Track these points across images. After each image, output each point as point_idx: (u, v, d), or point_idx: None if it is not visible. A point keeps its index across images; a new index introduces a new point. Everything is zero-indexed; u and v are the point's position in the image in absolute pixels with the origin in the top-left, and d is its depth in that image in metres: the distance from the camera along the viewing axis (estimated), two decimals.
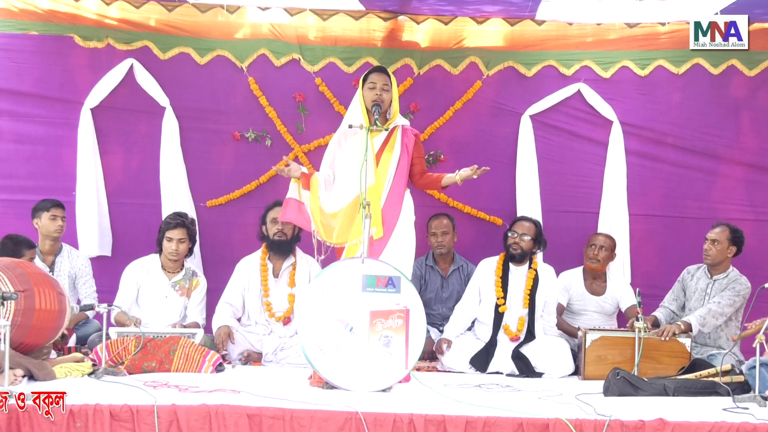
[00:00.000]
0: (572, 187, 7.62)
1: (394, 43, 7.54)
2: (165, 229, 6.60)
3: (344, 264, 5.41)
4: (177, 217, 6.64)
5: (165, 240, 6.58)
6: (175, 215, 6.70)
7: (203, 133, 7.50)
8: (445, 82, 7.57)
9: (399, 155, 5.89)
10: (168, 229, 6.58)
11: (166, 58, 7.43)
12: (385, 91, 5.87)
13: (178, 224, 6.58)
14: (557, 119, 7.56)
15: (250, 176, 7.51)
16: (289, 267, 6.66)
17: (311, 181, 5.92)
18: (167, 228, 6.59)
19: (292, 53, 7.49)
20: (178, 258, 6.62)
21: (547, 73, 7.56)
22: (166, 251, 6.58)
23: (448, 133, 7.59)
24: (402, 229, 5.85)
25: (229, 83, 7.50)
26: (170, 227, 6.58)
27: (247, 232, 7.21)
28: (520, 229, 6.55)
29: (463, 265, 7.24)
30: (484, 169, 5.87)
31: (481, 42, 7.55)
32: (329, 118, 7.36)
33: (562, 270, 7.02)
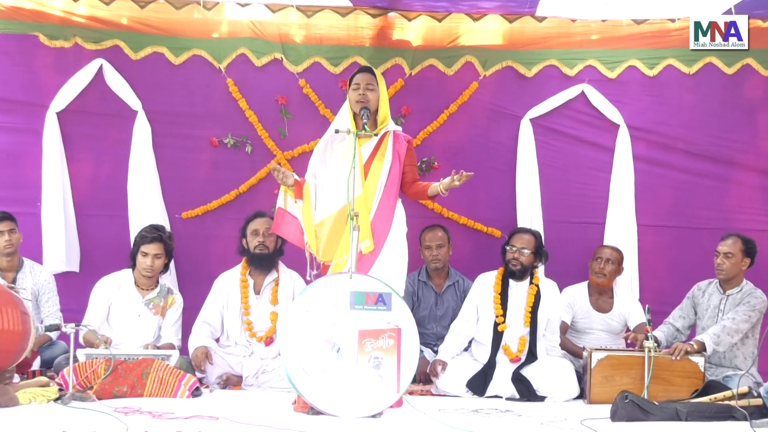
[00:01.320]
0: (576, 196, 7.65)
1: (383, 42, 7.57)
2: (140, 242, 6.58)
3: (331, 280, 5.40)
4: (154, 231, 6.62)
5: (140, 255, 6.56)
6: (152, 228, 6.68)
7: (178, 138, 7.52)
8: (438, 84, 7.60)
9: (390, 163, 5.87)
10: (144, 243, 6.56)
11: (138, 59, 7.44)
12: (370, 91, 5.86)
13: (155, 238, 6.56)
14: (559, 123, 7.60)
15: (229, 185, 7.52)
16: (272, 283, 6.66)
17: (304, 189, 5.92)
18: (143, 242, 6.57)
19: (274, 53, 7.51)
20: (153, 275, 6.61)
21: (548, 74, 7.60)
22: (141, 267, 6.56)
23: (442, 139, 7.62)
24: (393, 242, 5.83)
25: (206, 85, 7.52)
26: (146, 241, 6.56)
27: (226, 245, 7.20)
28: (518, 243, 6.57)
29: (459, 281, 7.26)
30: (467, 174, 5.77)
31: (477, 40, 7.58)
32: (314, 122, 7.38)
33: (565, 285, 7.04)
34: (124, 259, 6.77)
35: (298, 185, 5.94)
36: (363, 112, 5.80)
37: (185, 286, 7.18)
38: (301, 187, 5.92)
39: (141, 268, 6.56)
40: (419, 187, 6.05)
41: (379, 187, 5.83)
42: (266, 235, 6.56)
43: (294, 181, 5.95)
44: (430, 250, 7.18)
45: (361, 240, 5.56)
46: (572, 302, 7.02)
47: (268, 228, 6.55)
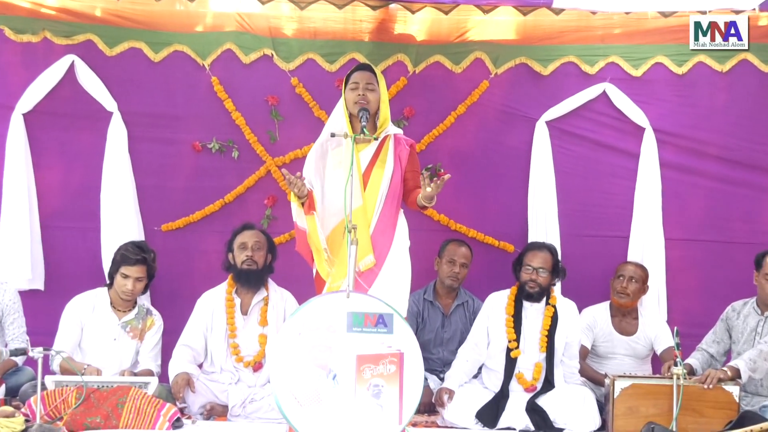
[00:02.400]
0: (596, 207, 7.66)
1: (384, 36, 7.59)
2: (122, 263, 6.56)
3: (326, 299, 5.38)
4: (138, 252, 6.60)
5: (119, 276, 6.55)
6: (136, 248, 6.64)
7: (157, 143, 7.52)
8: (445, 83, 7.62)
9: (392, 170, 5.91)
10: (126, 264, 6.55)
11: (113, 55, 7.45)
12: (370, 91, 5.91)
13: (138, 261, 6.54)
14: (578, 126, 7.61)
15: (214, 194, 7.54)
16: (260, 302, 6.67)
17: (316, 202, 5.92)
18: (125, 263, 6.55)
19: (264, 48, 7.53)
20: (131, 298, 6.62)
21: (566, 72, 7.62)
22: (120, 289, 6.55)
23: (449, 143, 7.63)
24: (395, 257, 5.87)
25: (188, 84, 7.53)
26: (129, 263, 6.54)
27: (210, 261, 7.24)
28: (535, 262, 6.58)
29: (468, 301, 7.28)
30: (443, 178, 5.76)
31: (488, 34, 7.60)
32: (308, 125, 7.39)
33: (585, 305, 7.06)
34: (95, 276, 6.80)
35: (310, 197, 5.89)
36: (362, 114, 5.81)
37: (164, 306, 7.11)
38: (312, 200, 5.89)
39: (120, 291, 6.56)
40: (413, 196, 6.06)
41: (379, 197, 5.86)
42: (255, 250, 6.59)
43: (309, 192, 5.88)
44: (452, 266, 7.18)
45: (360, 256, 5.57)
46: (593, 324, 7.03)
47: (258, 241, 6.60)
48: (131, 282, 6.52)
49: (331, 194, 5.85)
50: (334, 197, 5.79)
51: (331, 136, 5.84)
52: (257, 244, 6.60)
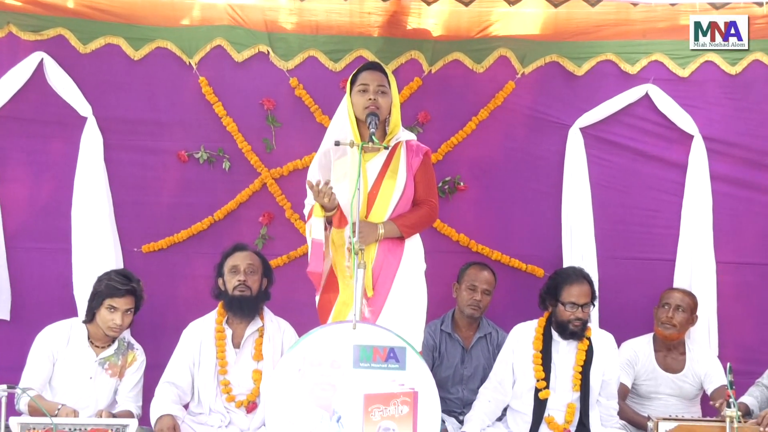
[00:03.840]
0: (638, 226, 7.68)
1: (396, 31, 7.62)
2: (108, 294, 6.54)
3: (329, 330, 5.37)
4: (126, 281, 6.59)
5: (105, 309, 6.52)
6: (122, 278, 6.62)
7: (137, 152, 7.56)
8: (465, 84, 7.65)
9: (404, 182, 5.91)
10: (113, 295, 6.53)
11: (87, 52, 7.49)
12: (382, 95, 5.89)
13: (128, 291, 6.55)
14: (618, 133, 7.64)
15: (202, 211, 7.57)
16: (255, 334, 6.66)
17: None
18: (112, 294, 6.53)
19: (259, 45, 7.56)
20: (119, 334, 6.61)
21: (603, 71, 7.65)
22: (106, 324, 6.53)
23: (469, 153, 7.65)
24: (409, 282, 5.87)
25: (172, 85, 7.57)
26: (118, 294, 6.53)
27: (198, 286, 7.27)
28: (580, 297, 6.55)
29: (492, 333, 7.29)
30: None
31: (514, 29, 7.62)
32: (308, 132, 7.43)
33: (624, 338, 7.09)
34: (67, 304, 6.79)
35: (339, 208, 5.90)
36: (370, 119, 5.79)
37: (145, 339, 7.07)
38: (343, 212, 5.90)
39: (106, 327, 6.53)
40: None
41: (389, 211, 5.88)
42: (248, 273, 6.58)
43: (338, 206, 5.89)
44: (473, 293, 7.18)
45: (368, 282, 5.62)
46: (634, 360, 7.05)
47: (251, 264, 6.61)
48: (119, 315, 6.51)
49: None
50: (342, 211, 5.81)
51: (335, 145, 5.82)
52: (251, 268, 6.61)
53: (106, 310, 6.53)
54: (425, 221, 6.08)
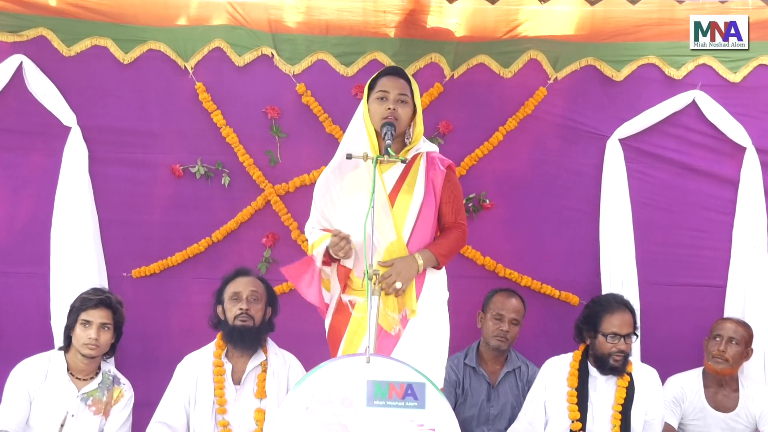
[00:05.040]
0: (685, 248, 7.68)
1: (414, 32, 7.62)
2: (80, 308, 6.56)
3: (340, 365, 5.31)
4: (99, 292, 6.64)
5: (79, 326, 6.53)
6: (95, 290, 6.69)
7: (126, 166, 7.58)
8: (491, 90, 7.67)
9: (422, 198, 5.85)
10: (86, 308, 6.55)
11: (72, 54, 7.52)
12: (402, 104, 5.83)
13: (101, 302, 6.56)
14: (661, 145, 7.65)
15: (198, 232, 7.59)
16: (257, 368, 6.65)
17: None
18: (84, 307, 6.55)
19: (262, 47, 7.59)
20: (97, 352, 6.58)
21: (645, 76, 7.66)
22: (81, 342, 6.51)
23: (496, 167, 7.66)
24: (430, 311, 5.84)
25: (166, 91, 7.59)
26: (89, 305, 6.54)
27: (193, 315, 7.29)
28: (620, 326, 6.52)
29: (521, 367, 7.27)
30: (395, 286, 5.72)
31: (545, 29, 7.63)
32: (317, 143, 7.47)
33: (670, 373, 7.08)
34: (45, 335, 6.80)
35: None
36: (386, 130, 5.74)
37: (135, 374, 7.07)
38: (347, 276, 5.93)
39: (81, 344, 6.52)
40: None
41: (406, 229, 5.82)
42: (251, 301, 6.57)
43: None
44: (500, 323, 7.17)
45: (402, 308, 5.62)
46: (680, 397, 7.04)
47: (254, 291, 6.59)
48: (95, 329, 6.50)
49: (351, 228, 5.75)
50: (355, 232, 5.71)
51: (347, 158, 5.72)
52: (254, 295, 6.60)
53: (80, 327, 6.53)
54: (458, 247, 6.06)
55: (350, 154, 5.66)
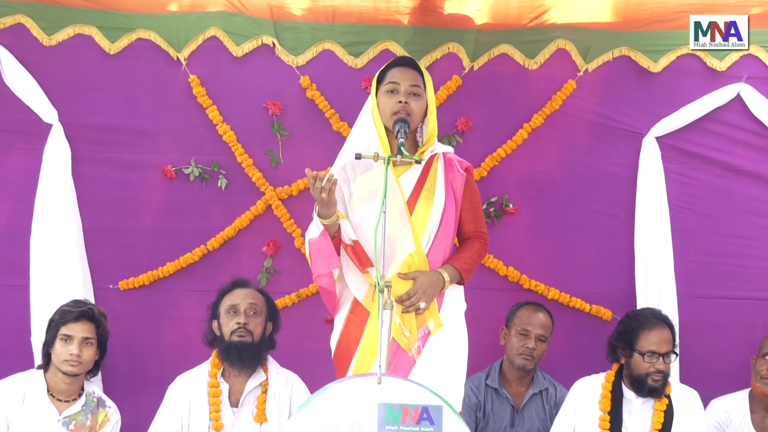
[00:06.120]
0: (729, 257, 7.67)
1: (430, 19, 7.62)
2: (60, 322, 6.56)
3: (348, 386, 5.27)
4: (81, 304, 6.64)
5: (59, 341, 6.53)
6: (76, 302, 6.70)
7: (113, 167, 7.59)
8: (515, 83, 7.67)
9: (443, 204, 5.80)
10: (65, 321, 6.54)
11: (53, 44, 7.53)
12: (415, 98, 5.77)
13: (83, 314, 6.55)
14: (702, 143, 7.64)
15: (192, 239, 7.60)
16: (257, 389, 6.63)
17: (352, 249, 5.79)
18: (64, 320, 6.55)
19: (263, 35, 7.59)
20: (79, 370, 6.57)
21: (685, 67, 7.67)
22: (61, 359, 6.51)
23: (520, 168, 7.66)
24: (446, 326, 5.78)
25: (156, 85, 7.60)
26: (69, 318, 6.54)
27: (186, 331, 7.30)
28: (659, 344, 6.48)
29: (549, 389, 7.25)
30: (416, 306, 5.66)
31: (575, 15, 7.63)
32: (323, 142, 7.47)
33: (712, 396, 7.05)
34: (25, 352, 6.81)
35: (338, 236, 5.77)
36: (399, 127, 5.68)
37: (122, 395, 7.13)
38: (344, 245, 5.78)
39: (61, 361, 6.51)
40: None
41: (425, 239, 5.77)
42: (250, 315, 6.55)
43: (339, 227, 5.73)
44: (525, 340, 7.15)
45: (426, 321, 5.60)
46: (724, 421, 7.01)
47: (254, 304, 6.57)
48: (76, 345, 6.50)
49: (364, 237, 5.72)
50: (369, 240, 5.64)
51: (356, 158, 5.63)
52: (253, 308, 6.58)
53: (60, 342, 6.52)
54: (481, 259, 6.02)
55: (359, 154, 5.56)
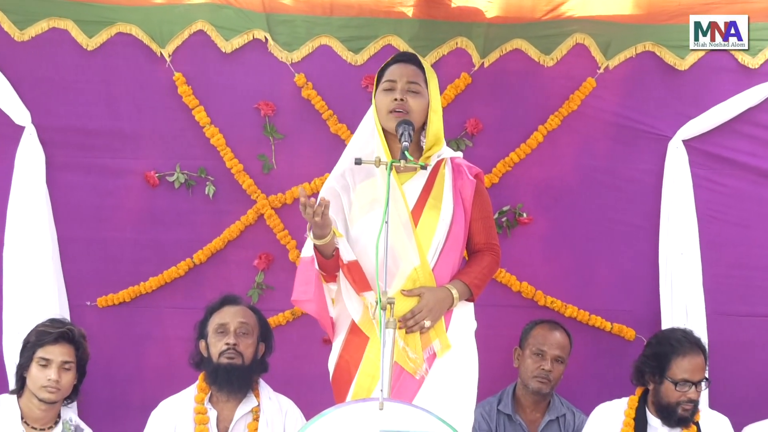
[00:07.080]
0: (762, 270, 7.67)
1: (437, 12, 7.61)
2: (37, 344, 6.53)
3: (347, 411, 5.24)
4: (59, 324, 6.61)
5: (35, 365, 6.50)
6: (55, 321, 6.66)
7: (91, 172, 7.58)
8: (529, 82, 7.66)
9: (452, 213, 5.74)
10: (43, 343, 6.52)
11: (25, 39, 7.53)
12: (413, 94, 5.68)
13: (62, 336, 6.52)
14: (734, 147, 7.64)
15: (177, 252, 7.58)
16: (248, 416, 6.61)
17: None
18: (41, 342, 6.52)
19: (254, 29, 7.58)
20: (57, 397, 6.53)
21: (713, 64, 7.68)
22: (38, 384, 6.48)
23: (534, 174, 7.66)
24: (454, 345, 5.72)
25: (138, 84, 7.59)
26: (47, 340, 6.51)
27: (171, 352, 7.29)
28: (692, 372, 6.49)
29: (567, 415, 7.23)
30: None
31: (594, 8, 7.63)
32: (320, 146, 7.48)
33: (745, 422, 7.05)
34: None
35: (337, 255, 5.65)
36: (402, 129, 5.60)
37: (100, 422, 7.14)
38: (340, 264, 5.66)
39: (38, 387, 6.48)
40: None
41: (432, 252, 5.73)
42: (240, 335, 6.52)
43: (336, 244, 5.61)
44: (541, 361, 7.13)
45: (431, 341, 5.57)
46: None
47: (244, 323, 6.55)
48: (55, 369, 6.46)
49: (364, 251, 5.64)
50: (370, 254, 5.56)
51: (356, 163, 5.57)
52: (243, 327, 6.56)
53: (36, 366, 6.49)
54: (492, 274, 5.93)
55: (359, 159, 5.49)
